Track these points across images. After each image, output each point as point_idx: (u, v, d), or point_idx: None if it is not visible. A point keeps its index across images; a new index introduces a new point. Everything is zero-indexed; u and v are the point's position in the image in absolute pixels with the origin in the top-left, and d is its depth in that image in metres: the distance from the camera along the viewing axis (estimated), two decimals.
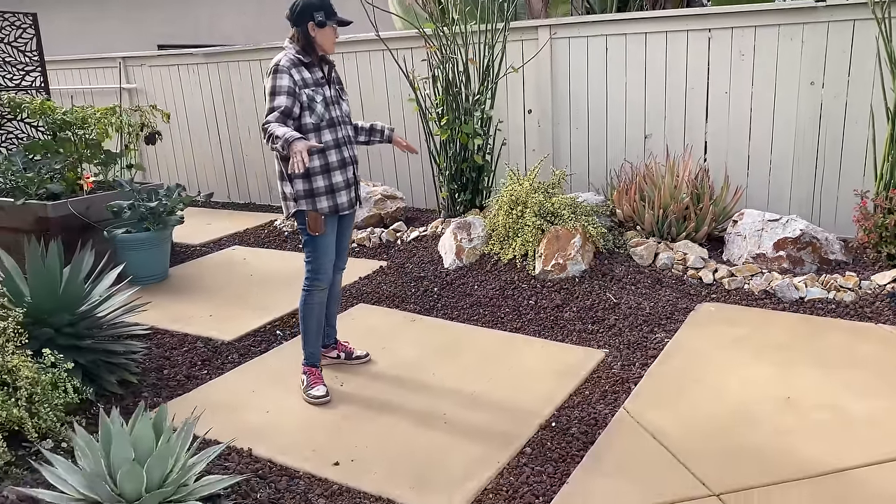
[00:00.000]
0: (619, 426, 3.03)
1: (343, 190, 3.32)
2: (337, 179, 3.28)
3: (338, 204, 3.30)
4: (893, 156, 4.41)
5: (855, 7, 4.69)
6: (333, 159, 3.27)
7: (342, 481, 2.74)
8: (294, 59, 3.22)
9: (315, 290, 3.40)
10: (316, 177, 3.24)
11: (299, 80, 3.18)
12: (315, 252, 3.36)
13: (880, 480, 2.55)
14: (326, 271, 3.40)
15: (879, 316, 3.90)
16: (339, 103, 3.34)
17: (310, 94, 3.20)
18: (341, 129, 3.33)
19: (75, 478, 2.22)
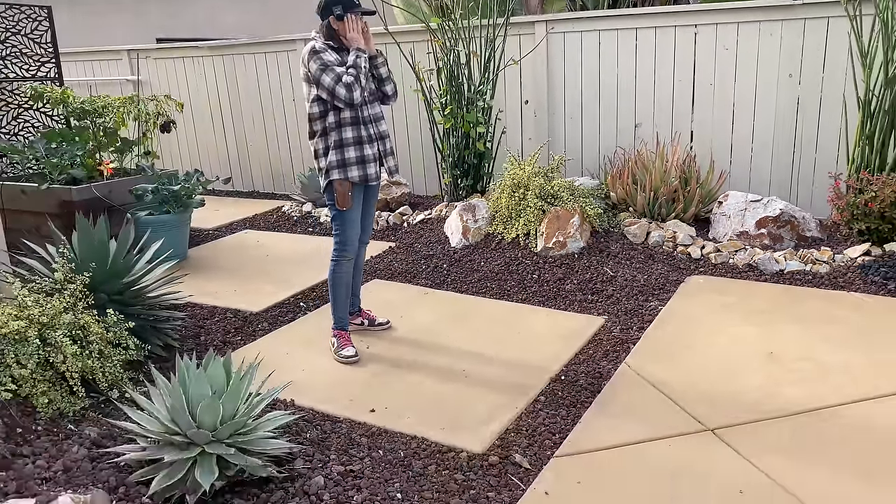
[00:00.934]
0: (622, 378, 3.40)
1: (372, 162, 3.61)
2: (367, 151, 3.59)
3: (367, 174, 3.60)
4: (864, 142, 4.82)
5: (829, 5, 5.10)
6: (363, 133, 3.58)
7: (380, 424, 3.08)
8: (325, 44, 3.55)
9: (342, 261, 3.73)
10: (348, 148, 3.56)
11: (335, 59, 3.50)
12: (343, 225, 3.69)
13: (850, 417, 2.94)
14: (353, 243, 3.73)
15: (851, 285, 4.31)
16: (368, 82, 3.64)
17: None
18: (369, 108, 3.64)
19: (158, 411, 2.54)
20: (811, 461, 2.65)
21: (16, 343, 2.75)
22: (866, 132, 4.78)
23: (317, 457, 2.77)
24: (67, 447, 2.56)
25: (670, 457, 2.74)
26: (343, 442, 2.93)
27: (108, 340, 3.09)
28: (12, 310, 2.85)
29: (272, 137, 7.93)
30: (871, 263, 4.43)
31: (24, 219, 5.75)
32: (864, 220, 4.61)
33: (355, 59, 3.45)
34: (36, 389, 2.72)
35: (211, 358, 2.64)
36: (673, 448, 2.80)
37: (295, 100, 7.62)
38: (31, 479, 2.24)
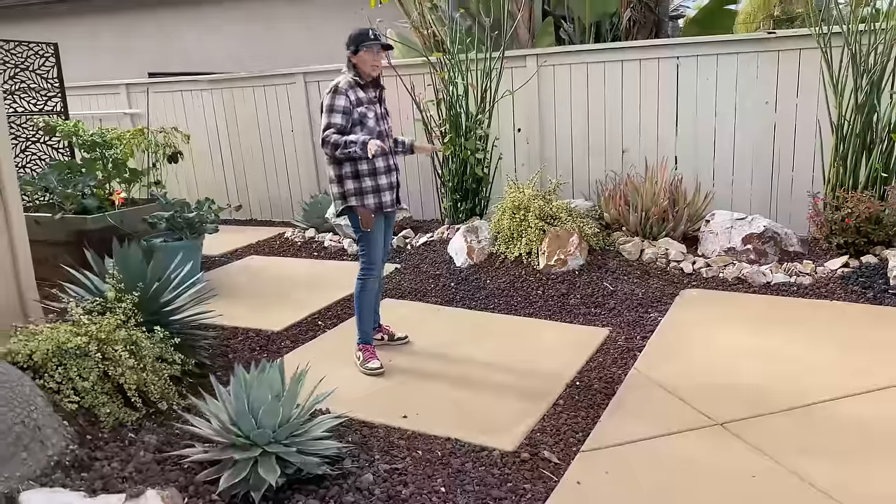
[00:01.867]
0: (633, 381, 3.67)
1: (387, 190, 3.89)
2: (382, 181, 3.86)
3: (382, 202, 3.87)
4: (838, 163, 5.22)
5: (801, 38, 5.54)
6: (380, 165, 3.85)
7: (414, 428, 3.31)
8: (351, 81, 3.81)
9: (369, 279, 3.98)
10: (365, 178, 3.83)
11: (354, 99, 3.76)
12: (368, 246, 3.94)
13: (838, 410, 3.25)
14: (378, 262, 3.98)
15: (833, 294, 4.66)
16: (385, 119, 3.95)
17: (362, 112, 3.78)
18: (388, 140, 3.94)
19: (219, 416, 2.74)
20: (813, 448, 2.94)
21: (77, 358, 2.94)
22: (840, 154, 5.18)
23: (362, 457, 2.99)
24: (134, 452, 2.75)
25: (687, 448, 3.01)
26: (383, 444, 3.15)
27: (157, 356, 3.28)
28: (70, 327, 3.04)
29: (270, 167, 8.16)
30: (850, 274, 4.79)
31: (37, 249, 5.85)
32: (842, 234, 4.98)
33: (358, 145, 3.60)
34: (98, 401, 2.91)
35: (266, 365, 2.85)
36: (688, 440, 3.07)
37: (293, 131, 7.89)
38: (112, 478, 2.42)
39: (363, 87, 3.83)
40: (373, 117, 3.82)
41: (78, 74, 9.82)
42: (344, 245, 6.51)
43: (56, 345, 2.89)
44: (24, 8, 12.20)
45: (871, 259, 4.90)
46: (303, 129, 7.81)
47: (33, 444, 2.41)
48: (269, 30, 11.14)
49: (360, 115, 3.77)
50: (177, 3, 11.60)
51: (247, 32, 11.28)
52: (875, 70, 4.96)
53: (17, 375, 2.61)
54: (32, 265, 4.50)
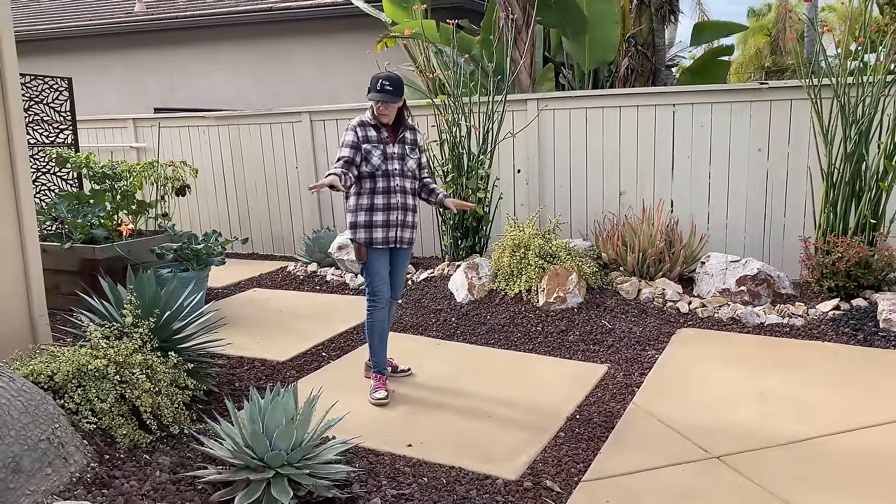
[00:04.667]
0: (632, 415, 3.77)
1: (381, 227, 3.99)
2: (376, 218, 3.98)
3: (373, 238, 3.99)
4: (828, 209, 5.41)
5: (792, 89, 5.78)
6: (378, 202, 3.98)
7: (419, 456, 3.39)
8: (363, 120, 4.01)
9: (374, 310, 4.09)
10: (360, 212, 4.00)
11: (363, 136, 3.96)
12: (368, 276, 4.09)
13: (831, 446, 3.36)
14: (381, 293, 4.08)
15: (825, 335, 4.79)
16: (402, 159, 4.05)
17: (367, 149, 3.95)
18: (395, 180, 4.02)
19: (234, 439, 2.82)
20: (806, 481, 3.04)
21: (96, 380, 3.03)
22: (830, 200, 5.37)
23: (370, 482, 3.07)
24: (150, 472, 2.82)
25: (685, 479, 3.11)
26: (389, 470, 3.23)
27: (171, 380, 3.37)
28: (89, 350, 3.14)
29: (274, 203, 8.32)
30: (840, 317, 4.93)
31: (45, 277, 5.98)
32: (833, 278, 5.14)
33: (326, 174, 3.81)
34: (115, 422, 2.99)
35: (279, 389, 2.95)
36: (686, 472, 3.17)
37: (298, 168, 8.07)
38: (132, 495, 2.50)
39: (375, 126, 4.00)
40: (378, 155, 3.95)
41: (85, 108, 10.03)
42: (346, 279, 6.62)
43: (76, 367, 2.98)
44: (37, 43, 12.50)
45: (861, 302, 5.05)
46: (307, 166, 7.99)
47: (57, 461, 2.48)
48: (281, 68, 11.42)
49: (365, 151, 3.95)
50: (189, 40, 11.91)
51: (256, 70, 11.56)
52: (863, 121, 5.18)
53: (41, 394, 2.70)
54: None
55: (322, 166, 7.93)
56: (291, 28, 11.24)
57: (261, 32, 11.45)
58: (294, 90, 11.19)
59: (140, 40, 12.26)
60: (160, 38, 12.09)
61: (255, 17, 11.24)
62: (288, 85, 11.32)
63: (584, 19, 7.65)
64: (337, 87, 10.69)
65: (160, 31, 11.95)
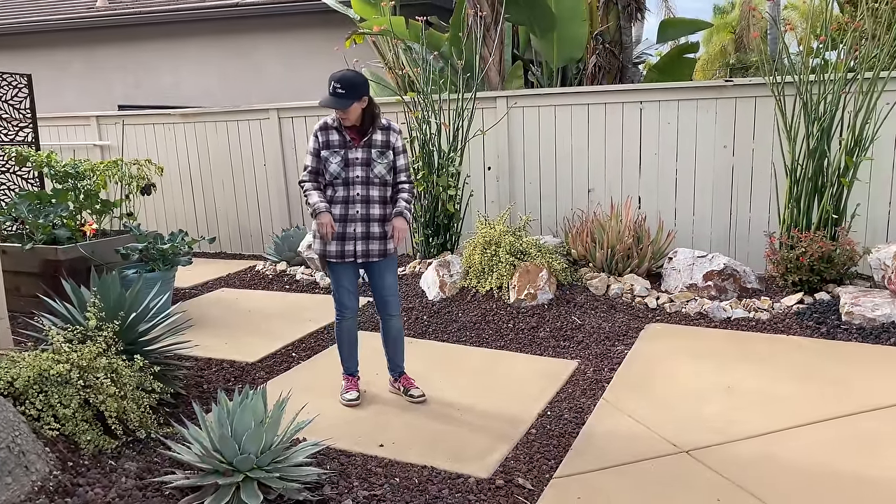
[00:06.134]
0: (602, 411, 3.80)
1: (335, 241, 3.75)
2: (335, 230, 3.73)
3: (326, 251, 3.80)
4: (792, 204, 5.51)
5: (756, 86, 5.87)
6: (336, 212, 3.73)
7: (391, 457, 3.37)
8: (326, 122, 3.77)
9: (341, 320, 4.00)
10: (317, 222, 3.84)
11: (324, 141, 3.73)
12: (333, 286, 3.97)
13: (797, 437, 3.42)
14: (344, 304, 3.94)
15: (790, 329, 4.88)
16: (368, 165, 3.73)
17: (325, 156, 3.72)
18: (355, 189, 3.72)
19: (202, 443, 2.78)
20: (775, 475, 3.09)
21: (58, 385, 2.96)
22: (794, 196, 5.46)
23: (341, 483, 3.04)
24: (115, 478, 2.77)
25: (655, 474, 3.14)
26: (360, 471, 3.21)
27: (138, 384, 3.30)
28: (51, 354, 3.06)
29: (241, 201, 8.22)
30: (804, 310, 5.03)
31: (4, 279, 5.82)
32: (797, 272, 5.24)
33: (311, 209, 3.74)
34: (78, 428, 2.92)
35: (248, 392, 2.91)
36: (656, 467, 3.20)
37: (266, 165, 7.98)
38: (97, 503, 2.44)
39: (338, 129, 3.76)
40: (337, 162, 3.70)
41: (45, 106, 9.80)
42: (316, 278, 6.57)
43: (38, 372, 2.90)
44: None
45: (825, 296, 5.15)
46: (275, 163, 7.91)
47: (17, 470, 2.42)
48: (248, 64, 11.28)
49: (323, 158, 3.73)
50: (154, 35, 11.69)
51: (223, 66, 11.40)
52: (825, 118, 5.27)
53: (1, 401, 2.63)
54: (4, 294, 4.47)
55: (290, 163, 7.85)
56: (259, 24, 11.10)
57: (228, 28, 11.29)
58: (261, 87, 11.07)
59: (102, 36, 12.00)
60: (124, 33, 11.85)
61: (221, 13, 11.08)
62: (255, 82, 11.19)
63: (553, 17, 7.67)
64: (305, 84, 10.58)
65: (124, 26, 11.71)
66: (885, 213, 5.73)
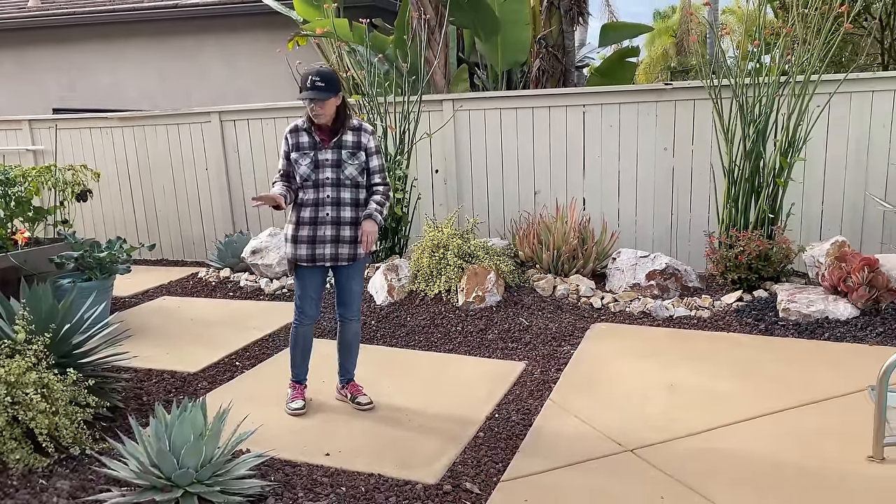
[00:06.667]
0: (549, 411, 3.82)
1: (305, 244, 3.69)
2: (302, 233, 3.68)
3: (296, 254, 3.72)
4: (730, 204, 5.65)
5: (695, 90, 6.01)
6: (305, 215, 3.67)
7: (337, 466, 3.32)
8: (296, 125, 3.71)
9: (298, 326, 3.88)
10: (288, 225, 3.78)
11: (294, 143, 3.67)
12: (296, 293, 3.86)
13: (741, 433, 3.50)
14: (304, 311, 3.84)
15: (730, 326, 5.00)
16: (338, 166, 3.65)
17: (295, 158, 3.66)
18: (326, 191, 3.65)
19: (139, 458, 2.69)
20: (716, 470, 3.16)
21: None
22: (732, 196, 5.61)
23: (286, 495, 2.98)
24: (46, 499, 2.65)
25: (601, 474, 3.17)
26: (306, 482, 3.15)
27: (71, 398, 3.18)
28: None
29: (183, 206, 8.02)
30: (744, 308, 5.17)
31: None
32: (736, 270, 5.38)
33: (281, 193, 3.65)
34: (6, 447, 2.79)
35: (188, 404, 2.83)
36: (602, 466, 3.23)
37: (208, 169, 7.80)
38: None
39: (308, 131, 3.69)
40: (307, 164, 3.64)
41: None
42: (261, 285, 6.45)
43: None
44: None
45: (763, 293, 5.31)
46: (218, 168, 7.74)
47: None
48: (190, 66, 11.02)
49: (293, 160, 3.68)
50: (90, 36, 11.32)
51: (164, 68, 11.12)
52: (760, 120, 5.43)
53: None
54: None
55: (234, 167, 7.70)
56: (200, 25, 10.86)
57: (168, 29, 11.01)
58: (204, 89, 10.83)
59: (35, 36, 11.56)
60: (58, 34, 11.44)
61: (161, 14, 10.80)
62: (197, 84, 10.94)
63: (496, 20, 7.72)
64: (248, 86, 10.41)
65: (57, 27, 11.31)
66: (819, 211, 5.94)
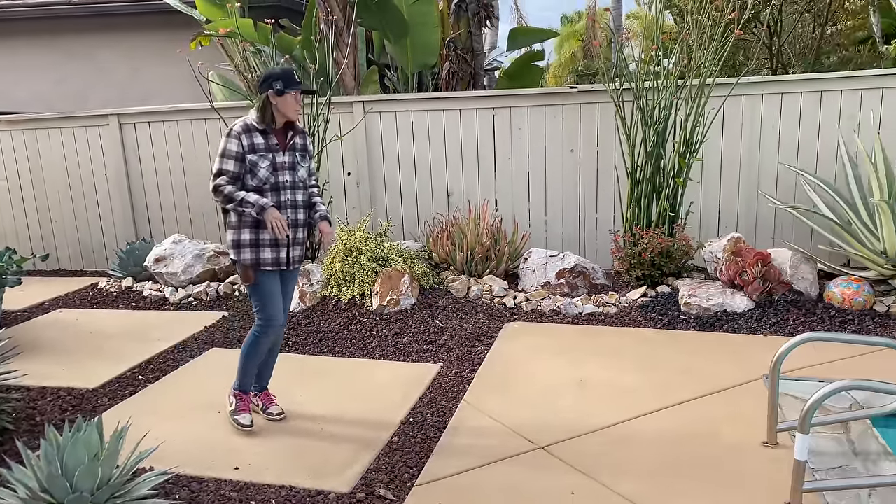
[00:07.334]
0: (463, 413, 3.84)
1: (268, 247, 3.55)
2: (264, 237, 3.53)
3: (261, 258, 3.55)
4: (633, 204, 5.85)
5: (598, 93, 6.19)
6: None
7: (246, 479, 3.23)
8: (248, 125, 3.51)
9: (263, 336, 3.69)
10: (244, 230, 3.53)
11: (248, 145, 3.47)
12: (260, 300, 3.65)
13: (647, 425, 3.63)
14: (274, 317, 3.67)
15: (635, 322, 5.18)
16: (294, 169, 3.60)
17: (253, 160, 3.47)
18: (286, 193, 3.57)
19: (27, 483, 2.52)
20: (625, 465, 3.26)
21: None
22: (635, 196, 5.81)
23: None
24: None
25: (514, 472, 3.21)
26: (213, 498, 3.05)
27: None
28: None
29: (81, 214, 7.62)
30: (648, 303, 5.36)
31: None
32: (640, 267, 5.57)
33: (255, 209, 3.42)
34: None
35: (83, 423, 2.68)
36: (514, 465, 3.27)
37: (107, 175, 7.44)
38: None
39: (263, 132, 3.54)
40: (266, 167, 3.49)
41: None
42: (165, 294, 6.20)
43: None
44: None
45: (665, 289, 5.52)
46: (118, 173, 7.40)
47: None
48: (88, 67, 10.46)
49: (251, 162, 3.49)
50: None
51: (59, 69, 10.51)
52: (660, 122, 5.65)
53: None
54: None
55: (135, 172, 7.38)
56: (98, 24, 10.35)
57: (63, 28, 10.42)
58: (103, 91, 10.32)
59: None
60: None
61: (53, 12, 10.22)
62: (96, 86, 10.42)
63: (405, 23, 7.71)
64: (150, 88, 10.00)
65: None
66: (716, 209, 6.23)
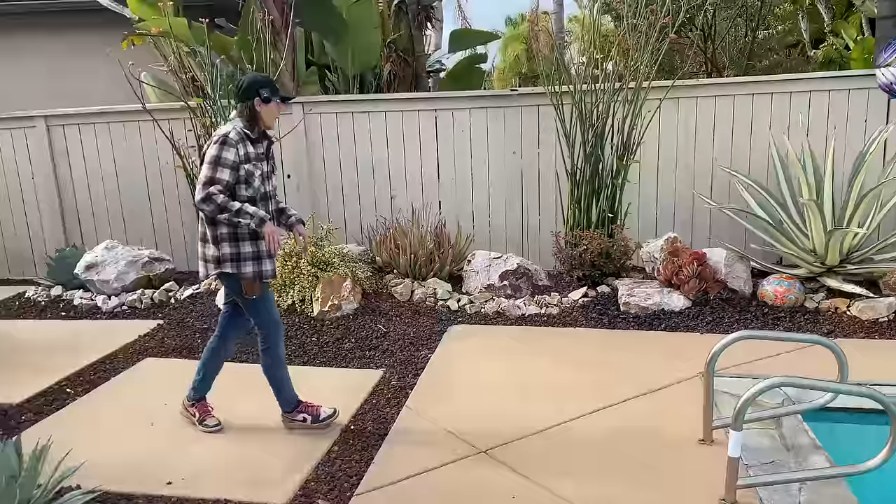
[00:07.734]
0: (405, 419, 3.80)
1: (268, 259, 3.48)
2: (263, 248, 3.44)
3: (263, 270, 3.46)
4: (574, 205, 5.91)
5: (538, 96, 6.23)
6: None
7: (180, 494, 3.13)
8: (242, 133, 3.37)
9: (279, 340, 3.63)
10: (242, 242, 3.40)
11: (243, 154, 3.34)
12: (266, 310, 3.56)
13: (587, 425, 3.66)
14: (280, 324, 3.65)
15: (576, 322, 5.22)
16: (271, 178, 3.55)
17: (249, 170, 3.35)
18: (271, 203, 3.54)
19: None
20: (562, 464, 3.27)
21: None
22: (575, 198, 5.87)
23: None
24: None
25: (455, 477, 3.19)
26: None
27: None
28: None
29: (7, 220, 7.29)
30: (589, 303, 5.42)
31: None
32: (581, 268, 5.63)
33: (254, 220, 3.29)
34: None
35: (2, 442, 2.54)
36: (456, 470, 3.25)
37: (34, 179, 7.13)
38: None
39: (253, 141, 3.42)
40: (259, 176, 3.40)
41: None
42: (97, 302, 5.96)
43: None
44: None
45: (605, 289, 5.59)
46: (46, 177, 7.09)
47: None
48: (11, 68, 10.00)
49: (246, 172, 3.34)
50: None
51: None
52: (598, 125, 5.72)
53: None
54: None
55: (65, 176, 7.09)
56: (22, 23, 9.91)
57: None
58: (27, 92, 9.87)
59: None
60: None
61: None
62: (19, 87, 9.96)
63: (344, 24, 7.62)
64: (82, 88, 9.62)
65: None
66: (654, 210, 6.34)
